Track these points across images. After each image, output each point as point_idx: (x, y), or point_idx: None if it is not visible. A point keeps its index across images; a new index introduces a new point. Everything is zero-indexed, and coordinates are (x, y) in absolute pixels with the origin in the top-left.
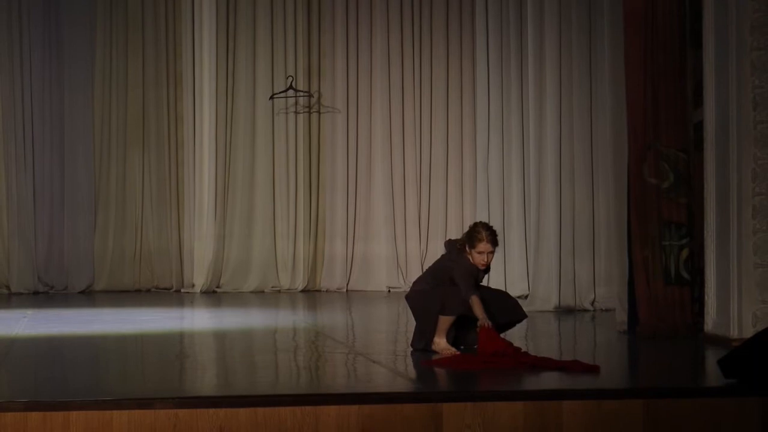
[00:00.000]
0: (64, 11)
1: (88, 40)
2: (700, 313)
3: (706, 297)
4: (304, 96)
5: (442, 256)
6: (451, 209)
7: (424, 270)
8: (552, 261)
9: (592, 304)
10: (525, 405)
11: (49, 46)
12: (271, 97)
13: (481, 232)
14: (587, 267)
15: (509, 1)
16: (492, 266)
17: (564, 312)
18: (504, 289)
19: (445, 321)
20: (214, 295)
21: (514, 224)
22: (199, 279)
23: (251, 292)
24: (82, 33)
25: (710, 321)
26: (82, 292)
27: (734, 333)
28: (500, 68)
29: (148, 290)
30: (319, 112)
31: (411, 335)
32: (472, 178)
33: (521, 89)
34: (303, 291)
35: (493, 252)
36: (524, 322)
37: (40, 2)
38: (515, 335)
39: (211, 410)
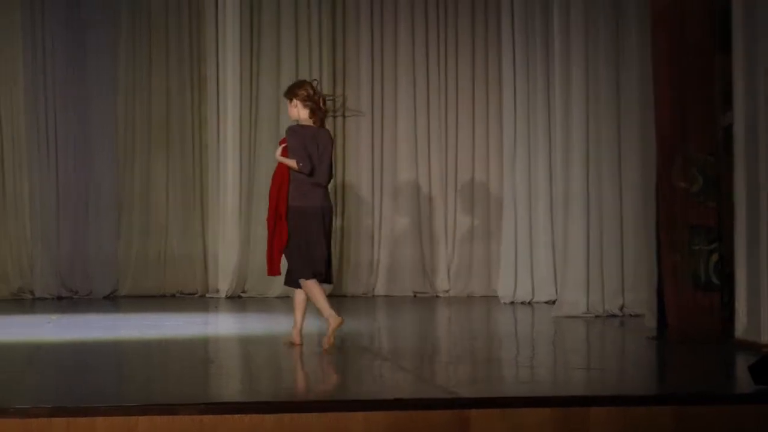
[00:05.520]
0: (86, 15)
1: (112, 43)
2: (730, 319)
3: (736, 302)
4: (328, 99)
5: None
6: (477, 213)
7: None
8: (580, 266)
9: (621, 309)
10: (552, 411)
11: (72, 50)
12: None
13: None
14: (616, 272)
15: (535, 3)
16: (519, 270)
17: (592, 318)
18: (532, 296)
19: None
20: (239, 300)
21: (541, 229)
22: (224, 284)
23: (276, 297)
24: (105, 36)
25: (740, 326)
26: (106, 297)
27: (765, 338)
28: (526, 71)
29: (173, 295)
30: (343, 116)
31: (438, 341)
32: (498, 182)
33: (548, 92)
34: (328, 296)
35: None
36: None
37: (62, 6)
38: (543, 341)
39: (237, 416)
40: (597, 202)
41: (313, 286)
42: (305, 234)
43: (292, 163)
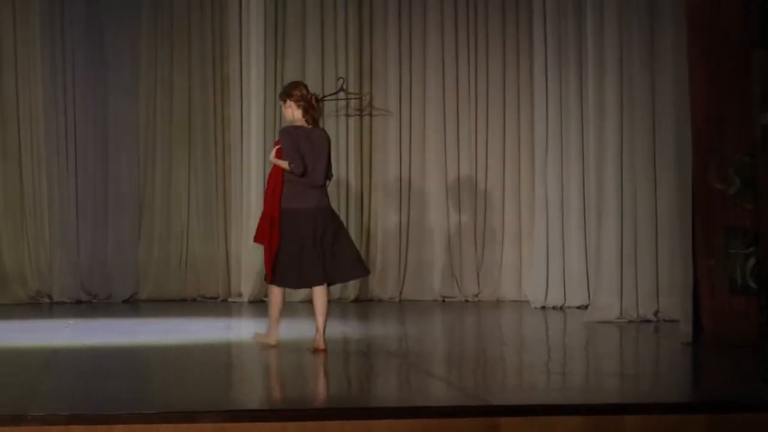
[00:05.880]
0: (107, 12)
1: (133, 41)
2: (767, 323)
3: None
4: (355, 98)
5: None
6: (508, 216)
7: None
8: (613, 270)
9: (655, 314)
10: (584, 419)
11: (92, 49)
12: (321, 100)
13: None
14: (650, 276)
15: (568, 4)
16: (550, 274)
17: (626, 323)
18: (564, 301)
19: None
20: (262, 305)
21: (573, 232)
22: (247, 288)
23: (300, 301)
24: (126, 34)
25: None
26: (125, 301)
27: None
28: (559, 70)
29: (194, 299)
30: (370, 115)
31: (467, 346)
32: (529, 184)
33: (581, 92)
34: (354, 301)
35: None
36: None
37: (82, 4)
38: (575, 346)
39: (259, 424)
40: (631, 205)
41: (274, 293)
42: (296, 238)
43: (284, 164)
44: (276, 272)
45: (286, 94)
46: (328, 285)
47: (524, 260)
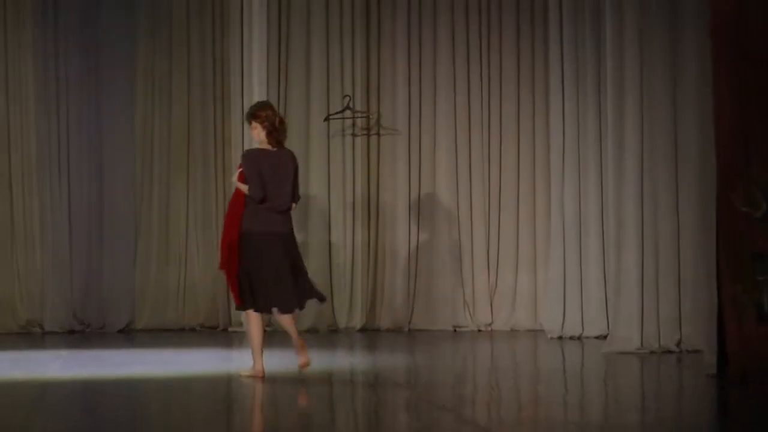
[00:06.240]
0: (101, 26)
1: (129, 58)
2: None
3: None
4: (362, 117)
5: None
6: (522, 241)
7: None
8: (633, 299)
9: (678, 345)
10: None
11: (87, 64)
12: (327, 119)
13: None
14: (672, 305)
15: (585, 15)
16: (567, 302)
17: (647, 354)
18: (581, 330)
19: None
20: (264, 335)
21: (592, 259)
22: None
23: (305, 330)
24: (122, 50)
25: None
26: (121, 331)
27: None
28: (576, 89)
29: (193, 329)
30: (378, 134)
31: (479, 378)
32: (545, 207)
33: (599, 110)
34: (361, 330)
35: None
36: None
37: (75, 17)
38: (593, 379)
39: None
40: (652, 229)
41: (252, 320)
42: (258, 262)
43: (245, 188)
44: (245, 296)
45: (252, 115)
46: (293, 310)
47: (540, 287)
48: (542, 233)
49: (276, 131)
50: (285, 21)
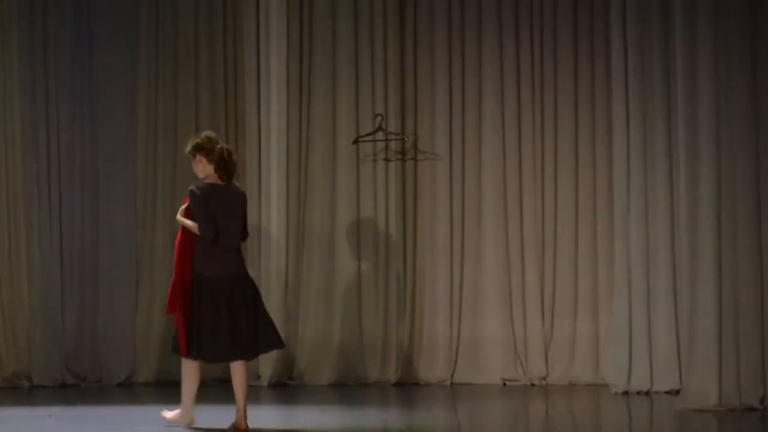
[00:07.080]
0: (98, 44)
1: (130, 78)
2: None
3: None
4: (396, 139)
5: None
6: (582, 283)
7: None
8: (710, 345)
9: (761, 401)
10: None
11: (81, 87)
12: (356, 141)
13: None
14: (755, 354)
15: (653, 35)
16: (634, 352)
17: (726, 411)
18: (650, 384)
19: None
20: (284, 390)
21: (661, 302)
22: (266, 369)
23: (330, 385)
24: (122, 70)
25: None
26: (120, 385)
27: None
28: (643, 113)
29: (203, 382)
30: (415, 159)
31: None
32: (608, 241)
33: (668, 132)
34: (396, 384)
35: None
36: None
37: (68, 32)
38: None
39: None
40: (731, 269)
41: (189, 367)
42: (212, 306)
43: (194, 227)
44: (191, 344)
45: (195, 147)
46: (249, 359)
47: (602, 335)
48: (604, 273)
49: (226, 164)
50: (307, 30)
